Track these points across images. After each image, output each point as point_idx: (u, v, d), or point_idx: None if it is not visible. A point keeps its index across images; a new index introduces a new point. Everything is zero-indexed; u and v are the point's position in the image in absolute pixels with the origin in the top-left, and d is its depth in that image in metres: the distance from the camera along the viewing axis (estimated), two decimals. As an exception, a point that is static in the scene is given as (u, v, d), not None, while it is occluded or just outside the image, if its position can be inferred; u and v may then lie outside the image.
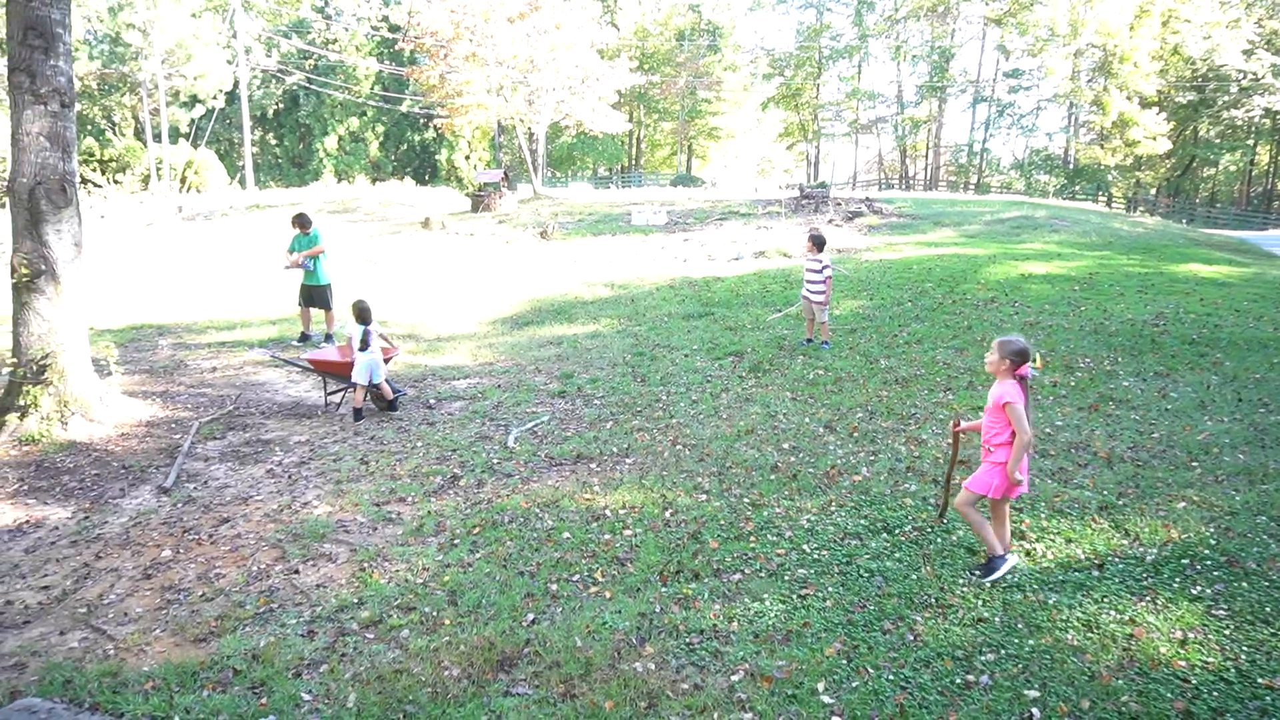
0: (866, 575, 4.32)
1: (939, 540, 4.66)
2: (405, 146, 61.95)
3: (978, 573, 4.26)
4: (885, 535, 4.76)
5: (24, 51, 6.92)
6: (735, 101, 62.65)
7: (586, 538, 4.90)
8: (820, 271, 9.23)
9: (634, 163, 65.85)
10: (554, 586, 4.34)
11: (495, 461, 6.38)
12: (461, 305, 13.45)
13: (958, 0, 50.70)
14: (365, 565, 4.67)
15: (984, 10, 49.96)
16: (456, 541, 4.94)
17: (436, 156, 58.98)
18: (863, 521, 4.95)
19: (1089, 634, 3.67)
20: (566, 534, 4.95)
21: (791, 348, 9.49)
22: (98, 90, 49.50)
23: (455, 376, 9.28)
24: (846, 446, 6.34)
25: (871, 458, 6.04)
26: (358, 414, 7.78)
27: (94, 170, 43.88)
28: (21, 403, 7.13)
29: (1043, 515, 4.92)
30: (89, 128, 48.50)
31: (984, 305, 10.85)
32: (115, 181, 45.40)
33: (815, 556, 4.56)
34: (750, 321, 11.00)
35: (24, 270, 7.07)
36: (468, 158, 57.64)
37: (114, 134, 50.35)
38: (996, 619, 3.82)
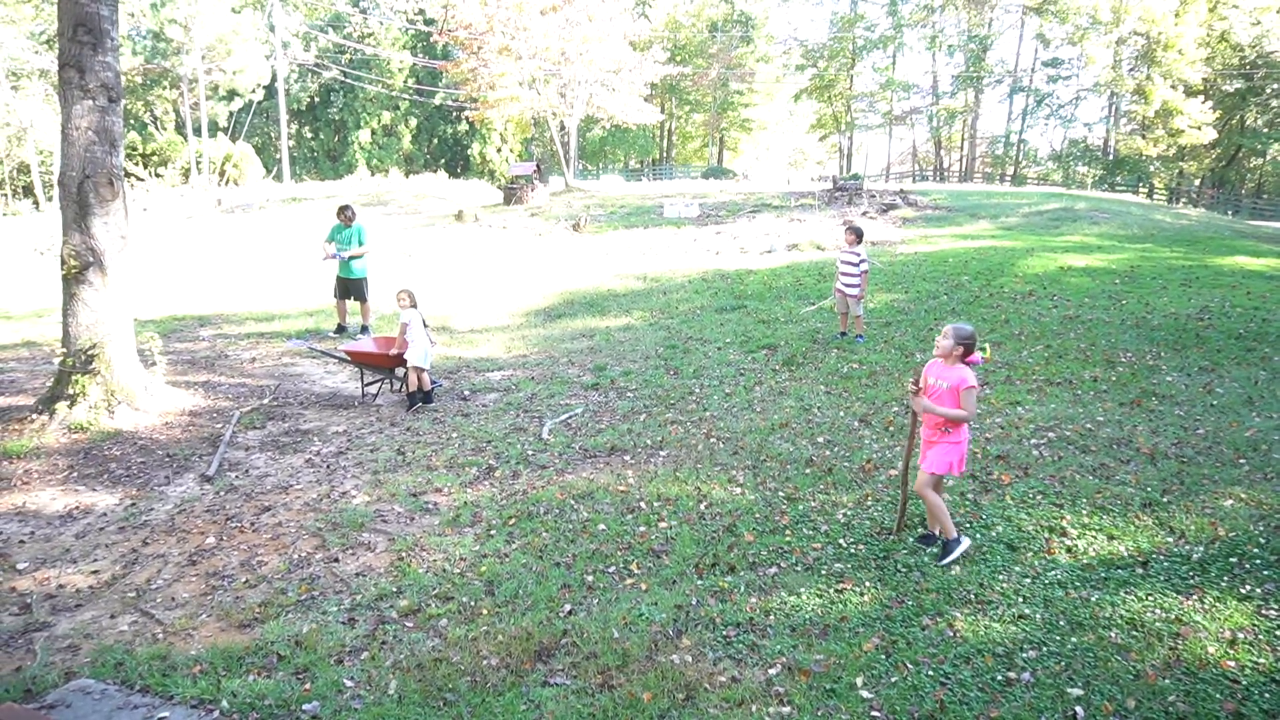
0: (904, 570, 4.28)
1: (977, 536, 4.61)
2: (437, 140, 62.34)
3: (937, 556, 4.38)
4: (922, 530, 4.72)
5: (73, 48, 7.06)
6: (768, 93, 62.28)
7: (622, 530, 4.91)
8: (857, 265, 9.14)
9: (665, 155, 65.70)
10: (590, 578, 4.36)
11: (530, 453, 6.42)
12: (494, 297, 13.53)
13: (995, -13, 49.88)
14: (403, 555, 4.73)
15: (1022, -2, 49.12)
16: (493, 532, 4.99)
17: (469, 149, 59.24)
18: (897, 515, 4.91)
19: (1134, 632, 3.61)
20: (602, 526, 4.97)
21: (825, 341, 9.43)
22: (140, 85, 50.39)
23: (489, 368, 9.35)
24: (882, 441, 6.29)
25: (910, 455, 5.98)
26: (427, 397, 7.86)
27: (136, 164, 44.69)
28: (70, 391, 7.29)
29: (1084, 512, 4.85)
30: (132, 122, 49.42)
31: (1022, 299, 10.70)
32: (157, 175, 46.21)
33: (852, 551, 4.53)
34: (783, 315, 10.94)
35: (73, 262, 7.23)
36: (500, 150, 57.83)
37: (155, 128, 51.29)
38: (1038, 616, 3.78)
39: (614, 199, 27.76)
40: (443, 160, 60.12)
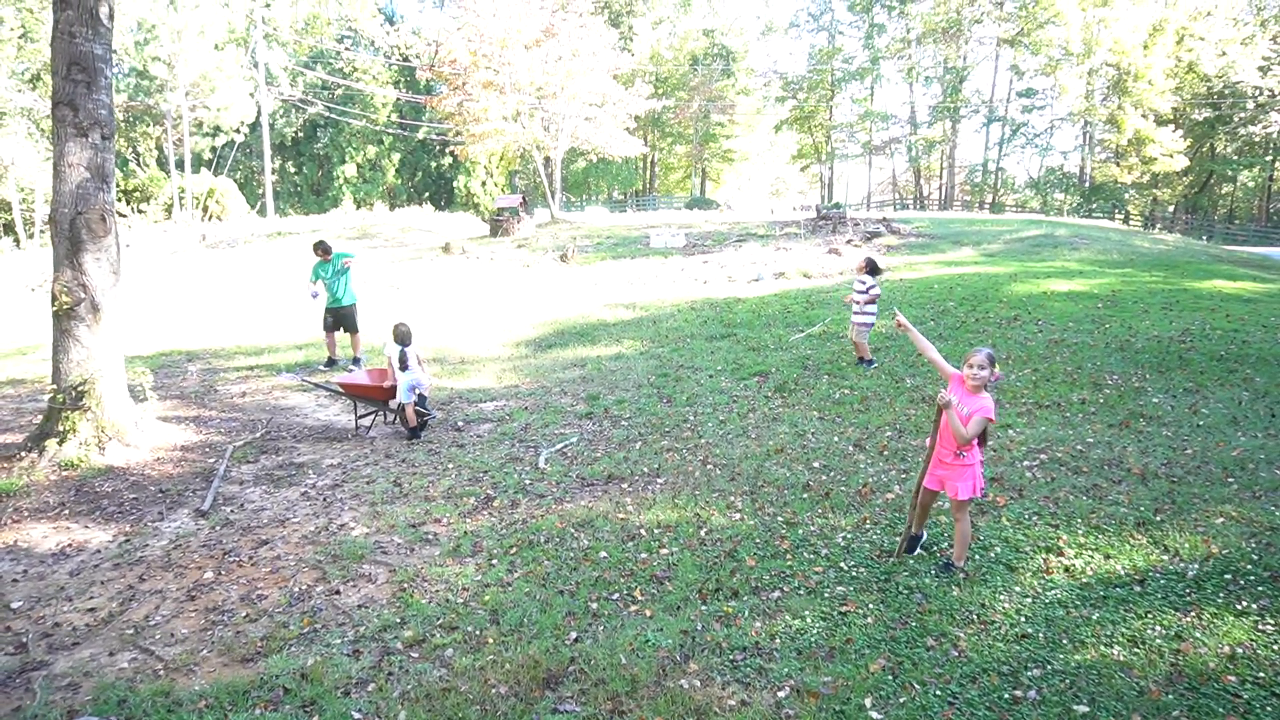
0: (906, 592, 4.32)
1: (976, 558, 4.65)
2: (422, 173, 62.64)
3: (949, 573, 4.47)
4: (922, 553, 4.76)
5: (67, 86, 7.11)
6: (749, 124, 63.10)
7: (623, 557, 4.92)
8: (866, 291, 9.24)
9: (649, 186, 66.24)
10: (594, 605, 4.36)
11: (527, 482, 6.43)
12: (485, 328, 13.56)
13: (970, 22, 50.90)
14: (405, 585, 4.72)
15: (996, 31, 50.16)
16: (494, 561, 4.98)
17: (453, 183, 59.50)
18: (898, 539, 4.94)
19: (1135, 649, 3.66)
20: (603, 553, 4.98)
21: (816, 367, 9.50)
22: (123, 122, 50.37)
23: (482, 399, 9.35)
24: (877, 465, 6.35)
25: (903, 475, 6.04)
26: (414, 432, 7.87)
27: (119, 200, 44.54)
28: (61, 428, 7.24)
29: (1080, 532, 4.91)
30: (115, 158, 49.26)
31: (1007, 323, 10.84)
32: (139, 211, 46.11)
33: (853, 574, 4.57)
34: (773, 342, 11.03)
35: (64, 298, 7.22)
36: (484, 184, 58.12)
37: (138, 164, 51.24)
38: (1040, 635, 3.82)
39: (600, 230, 27.94)
40: (427, 193, 60.40)
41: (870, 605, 4.20)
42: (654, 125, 57.48)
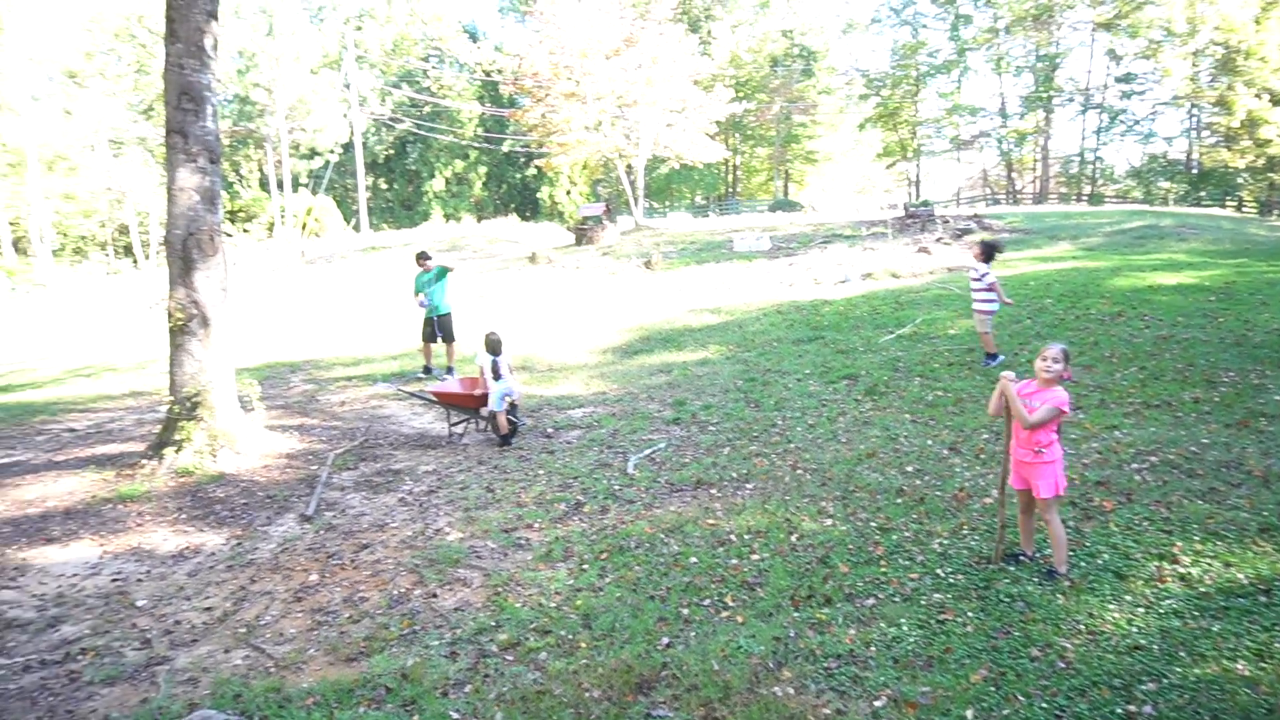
0: (1007, 600, 4.17)
1: (1082, 564, 4.46)
2: (507, 185, 63.98)
3: (1053, 580, 4.32)
4: (1024, 559, 4.59)
5: (178, 115, 7.54)
6: (831, 124, 62.11)
7: (714, 562, 4.91)
8: (981, 279, 8.95)
9: (731, 190, 65.98)
10: (685, 611, 4.37)
11: (616, 488, 6.48)
12: (572, 336, 13.73)
13: (1062, 7, 48.90)
14: (499, 590, 4.81)
15: (1091, 15, 48.04)
16: (585, 566, 5.04)
17: (538, 193, 60.59)
18: (995, 544, 4.78)
19: (1262, 664, 3.44)
20: (693, 559, 4.98)
21: (907, 369, 9.28)
22: (228, 146, 53.10)
23: (570, 406, 9.48)
24: (973, 469, 6.16)
25: (1005, 480, 5.83)
26: (505, 439, 8.04)
27: (226, 220, 46.99)
28: (177, 437, 7.67)
29: (1196, 538, 4.65)
30: (221, 181, 52.10)
31: (1111, 320, 10.37)
32: (244, 230, 48.50)
33: (951, 581, 4.44)
34: (862, 344, 10.83)
35: (179, 315, 7.65)
36: (568, 193, 58.98)
37: (241, 186, 53.92)
38: (1154, 646, 3.63)
39: (683, 236, 27.98)
40: (513, 205, 61.63)
41: (970, 613, 4.08)
42: (735, 129, 57.23)
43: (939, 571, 4.55)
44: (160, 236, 45.29)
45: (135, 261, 47.17)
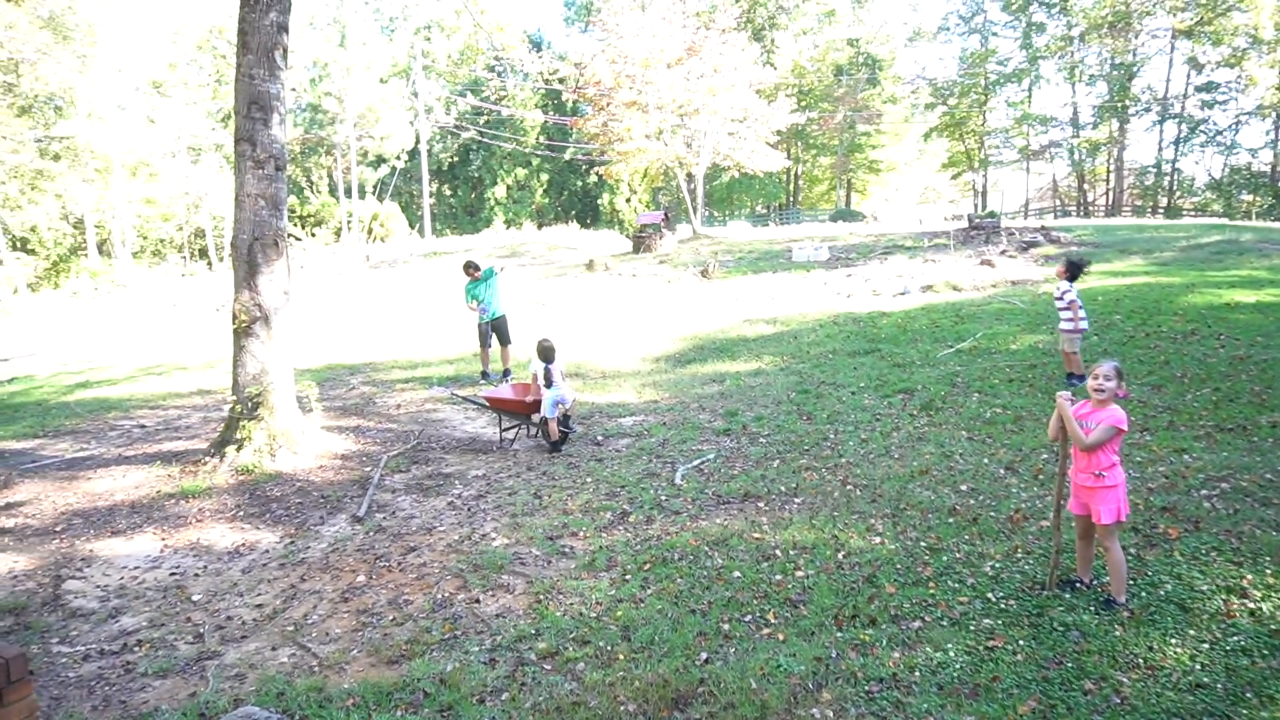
0: (1061, 629, 4.02)
1: (1143, 594, 4.28)
2: (568, 192, 64.58)
3: (1111, 610, 4.15)
4: (1080, 587, 4.42)
5: (247, 123, 7.78)
6: (896, 133, 61.24)
7: (757, 577, 4.84)
8: (1061, 297, 8.70)
9: (792, 199, 65.50)
10: (726, 626, 4.31)
11: (663, 498, 6.45)
12: (625, 344, 13.76)
13: (1140, 14, 47.37)
14: (541, 597, 4.82)
15: (1171, 22, 46.43)
16: (628, 577, 5.02)
17: (598, 200, 61.02)
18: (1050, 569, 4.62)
19: (1335, 708, 3.25)
20: (737, 573, 4.92)
21: (966, 384, 9.05)
22: (299, 153, 54.79)
23: (621, 414, 9.48)
24: (1031, 490, 5.96)
25: (1061, 502, 5.63)
26: (555, 446, 8.09)
27: (295, 225, 48.54)
28: (238, 436, 7.89)
29: (1268, 571, 4.41)
30: (292, 187, 53.92)
31: (1183, 338, 9.96)
32: (312, 234, 49.88)
33: (1002, 606, 4.30)
34: (919, 358, 10.61)
35: (243, 317, 7.87)
36: (629, 200, 59.27)
37: (311, 192, 55.54)
38: (1219, 685, 3.46)
39: (741, 244, 27.84)
40: (573, 212, 62.17)
41: (1020, 641, 3.94)
42: (797, 138, 56.81)
43: (990, 595, 4.41)
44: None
45: (209, 264, 48.88)
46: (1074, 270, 8.90)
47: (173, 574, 5.61)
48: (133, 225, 45.93)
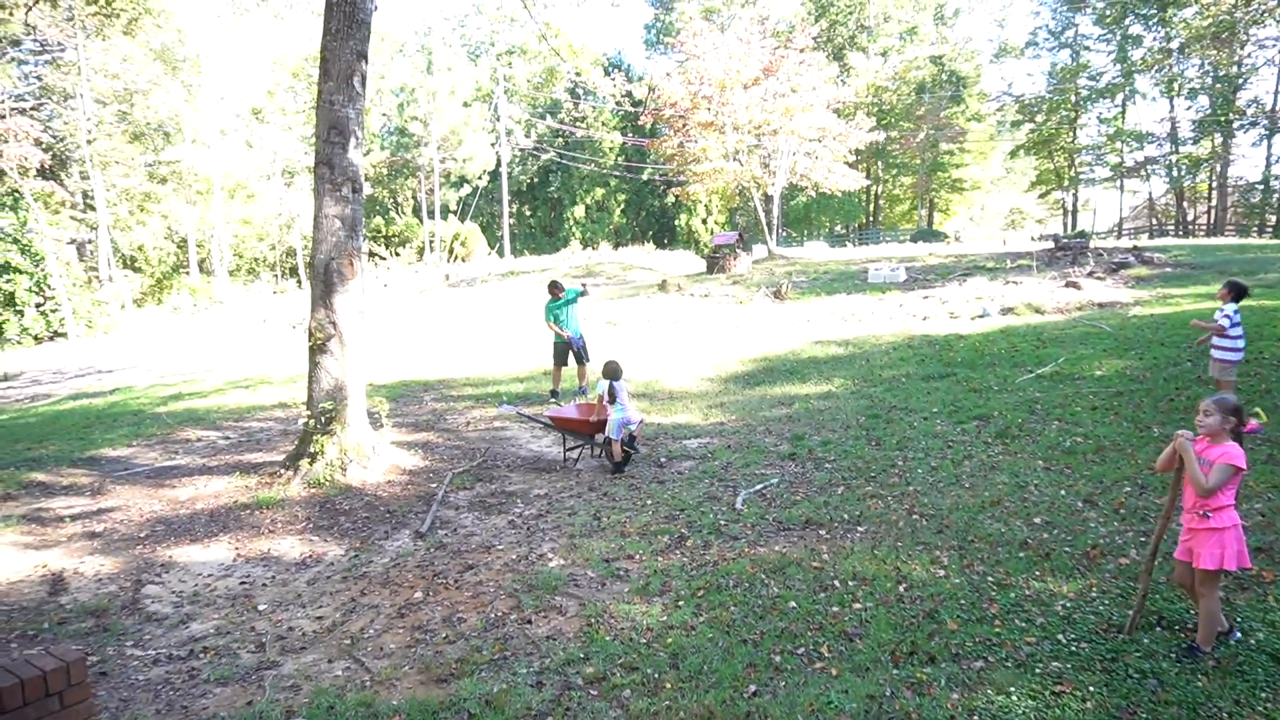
0: (1137, 676, 3.78)
1: (1231, 643, 3.99)
2: (645, 213, 65.06)
3: (1194, 658, 3.90)
4: (1160, 631, 4.16)
5: (327, 148, 8.05)
6: (980, 152, 59.83)
7: (813, 608, 4.71)
8: (1232, 321, 7.91)
9: (871, 219, 64.52)
10: (777, 658, 4.20)
11: (722, 523, 6.36)
12: (693, 365, 13.70)
13: (1246, 23, 45.15)
14: (592, 621, 4.78)
15: None
16: (681, 603, 4.94)
17: (675, 221, 61.33)
18: (1131, 612, 4.36)
19: None
20: (793, 603, 4.79)
21: (1045, 412, 8.69)
22: (387, 176, 56.70)
23: (686, 435, 9.42)
24: (1110, 524, 5.66)
25: (1141, 538, 5.33)
26: (618, 467, 8.09)
27: (380, 245, 50.15)
28: (311, 450, 8.11)
29: (1373, 621, 4.08)
30: (378, 208, 55.75)
31: (1286, 366, 9.38)
32: (396, 254, 51.43)
33: (1073, 649, 4.07)
34: (997, 383, 10.25)
35: (318, 334, 8.12)
36: (705, 221, 59.38)
37: (396, 213, 57.36)
38: (1310, 745, 3.19)
39: (817, 265, 27.51)
40: (650, 232, 62.57)
41: (1091, 688, 3.71)
42: (877, 156, 56.01)
43: (1060, 637, 4.18)
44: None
45: (299, 282, 50.86)
46: (1239, 292, 8.20)
47: (242, 583, 5.78)
48: (230, 244, 48.18)
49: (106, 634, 5.02)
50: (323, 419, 8.12)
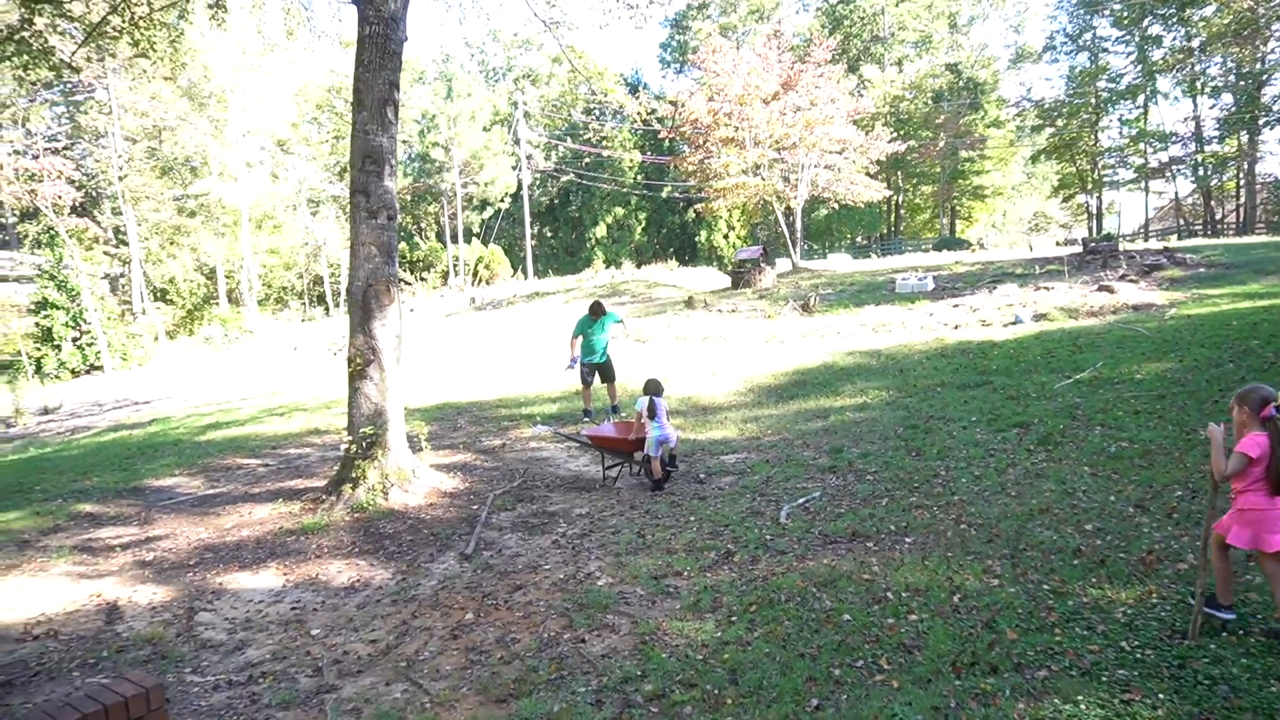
0: (1207, 683, 3.72)
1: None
2: (666, 230, 65.27)
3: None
4: (1226, 635, 4.09)
5: (362, 176, 8.19)
6: (1001, 158, 59.51)
7: (868, 621, 4.68)
8: None
9: (893, 229, 64.29)
10: (836, 671, 4.17)
11: (768, 538, 6.34)
12: (726, 380, 13.69)
13: (1269, 19, 44.64)
14: (646, 638, 4.78)
15: (1305, 26, 43.57)
16: (734, 619, 4.93)
17: (696, 237, 61.43)
18: (1193, 616, 4.29)
19: None
20: (846, 616, 4.76)
21: (1087, 418, 8.59)
22: (410, 201, 57.39)
23: (723, 451, 9.41)
24: (1164, 529, 5.58)
25: (1199, 543, 5.24)
26: (658, 484, 8.10)
27: (405, 270, 50.75)
28: (353, 475, 8.20)
29: None
30: (402, 234, 56.46)
31: (1333, 364, 9.22)
32: (421, 279, 51.95)
33: (1137, 656, 4.01)
34: (1035, 390, 10.15)
35: (358, 360, 8.23)
36: (726, 236, 59.43)
37: (420, 238, 57.98)
38: (1394, 749, 3.12)
39: (842, 277, 27.44)
40: (671, 249, 62.74)
41: (1161, 695, 3.66)
42: (897, 167, 55.89)
43: (1123, 644, 4.12)
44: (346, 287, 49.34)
45: (326, 309, 51.48)
46: None
47: (293, 608, 5.84)
48: (258, 274, 48.88)
49: (165, 661, 5.09)
50: (364, 444, 8.21)
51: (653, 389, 8.30)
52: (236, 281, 48.54)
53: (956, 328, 15.99)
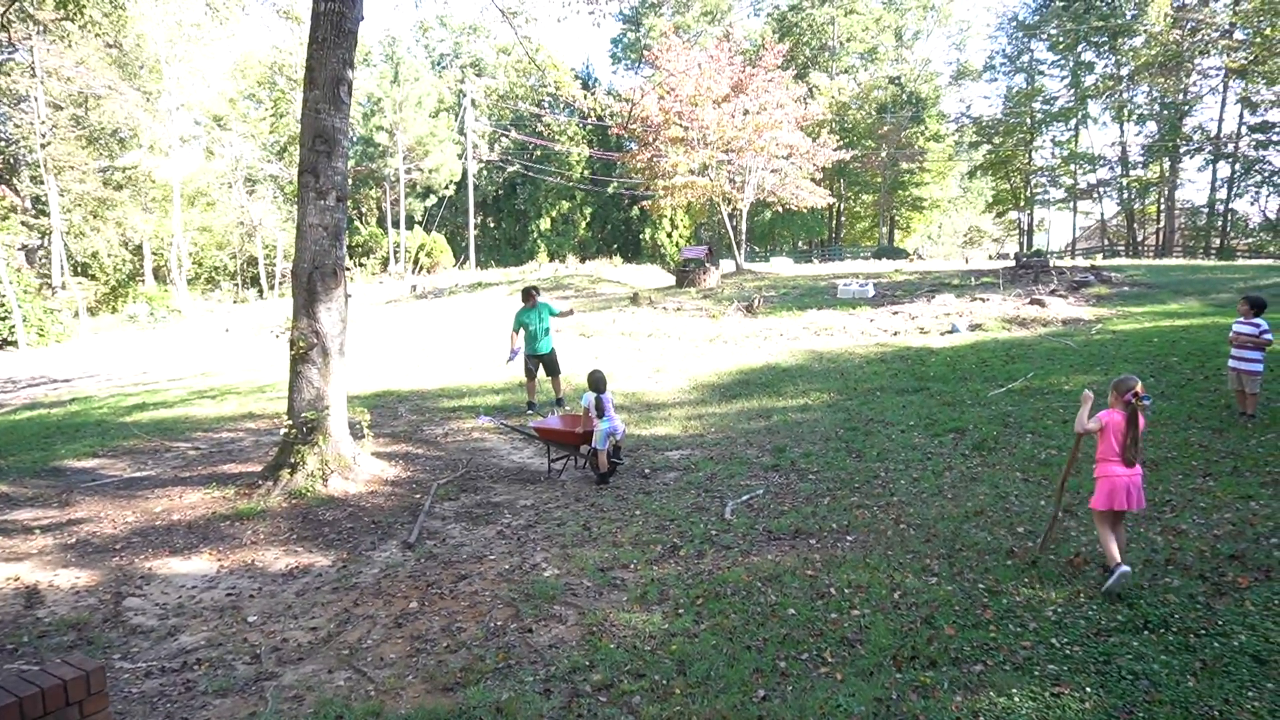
0: (1130, 678, 3.91)
1: (1215, 644, 4.15)
2: (610, 226, 65.21)
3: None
4: (1148, 633, 4.30)
5: (312, 156, 8.01)
6: (939, 171, 61.07)
7: (812, 615, 4.78)
8: (1259, 335, 8.16)
9: (834, 236, 65.40)
10: (782, 663, 4.26)
11: (714, 533, 6.41)
12: (672, 378, 13.76)
13: (1192, 53, 46.77)
14: (594, 629, 4.81)
15: (1224, 61, 45.78)
16: (681, 611, 4.98)
17: (640, 234, 61.51)
18: (1119, 617, 4.50)
19: None
20: (791, 610, 4.86)
21: (1019, 425, 8.90)
22: (352, 185, 56.20)
23: (668, 447, 9.47)
24: (1090, 534, 5.81)
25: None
26: (603, 478, 8.10)
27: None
28: (292, 460, 8.03)
29: (1348, 624, 4.26)
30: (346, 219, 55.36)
31: (1245, 382, 9.70)
32: (360, 264, 50.90)
33: (1066, 652, 4.19)
34: (970, 397, 10.47)
35: (301, 344, 8.05)
36: (670, 235, 59.66)
37: (361, 223, 56.81)
38: (1301, 741, 3.33)
39: (785, 280, 27.82)
40: (615, 245, 62.70)
41: (1088, 689, 3.83)
42: (841, 174, 56.86)
43: (1053, 641, 4.30)
44: (284, 269, 48.08)
45: (260, 291, 50.05)
46: (1259, 307, 8.47)
47: (229, 594, 5.70)
48: (189, 253, 47.27)
49: (91, 646, 4.92)
50: (304, 429, 8.04)
51: (596, 384, 8.27)
52: (165, 259, 46.88)
53: (895, 334, 16.37)
